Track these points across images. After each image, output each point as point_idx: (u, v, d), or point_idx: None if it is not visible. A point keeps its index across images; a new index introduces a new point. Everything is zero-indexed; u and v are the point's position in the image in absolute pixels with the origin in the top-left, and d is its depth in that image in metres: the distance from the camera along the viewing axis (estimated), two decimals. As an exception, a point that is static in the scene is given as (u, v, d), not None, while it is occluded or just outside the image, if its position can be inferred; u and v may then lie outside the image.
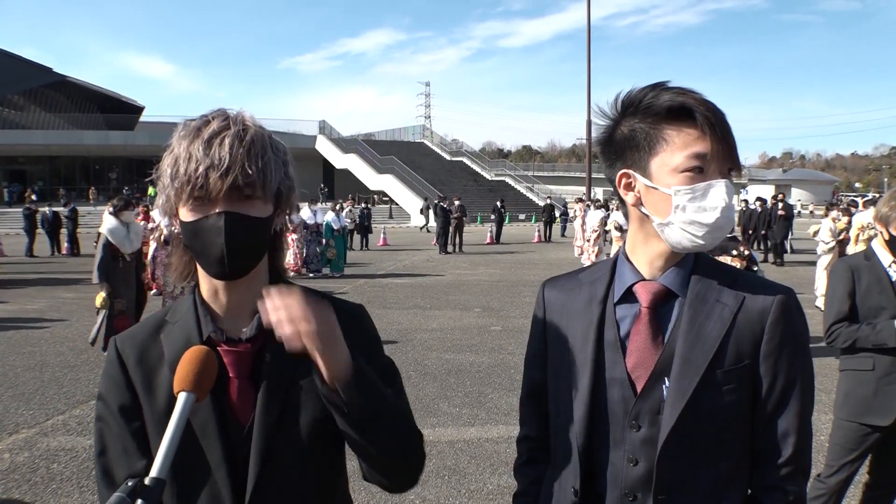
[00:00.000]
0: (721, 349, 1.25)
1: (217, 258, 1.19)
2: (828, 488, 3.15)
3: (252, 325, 1.27)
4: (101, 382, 1.33)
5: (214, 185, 1.17)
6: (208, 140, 1.18)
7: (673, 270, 1.32)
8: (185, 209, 1.21)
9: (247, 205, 1.20)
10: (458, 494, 4.31)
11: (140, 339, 1.32)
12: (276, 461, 1.25)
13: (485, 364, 7.53)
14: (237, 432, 1.25)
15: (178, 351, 1.24)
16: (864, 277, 3.06)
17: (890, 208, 3.03)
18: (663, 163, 1.26)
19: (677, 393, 1.24)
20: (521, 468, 1.56)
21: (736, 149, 1.25)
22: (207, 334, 1.27)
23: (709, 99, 1.25)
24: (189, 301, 1.32)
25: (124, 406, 1.28)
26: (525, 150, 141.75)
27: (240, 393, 1.27)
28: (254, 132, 1.22)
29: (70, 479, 4.51)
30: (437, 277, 15.47)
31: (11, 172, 49.72)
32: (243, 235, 1.20)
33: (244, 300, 1.28)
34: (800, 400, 1.27)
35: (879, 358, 2.99)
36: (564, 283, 1.49)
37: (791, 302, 1.29)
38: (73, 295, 12.74)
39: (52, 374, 7.08)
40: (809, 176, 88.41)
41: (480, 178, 50.18)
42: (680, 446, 1.24)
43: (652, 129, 1.27)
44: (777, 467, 1.28)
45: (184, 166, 1.17)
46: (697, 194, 1.23)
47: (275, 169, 1.23)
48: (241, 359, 1.27)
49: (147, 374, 1.29)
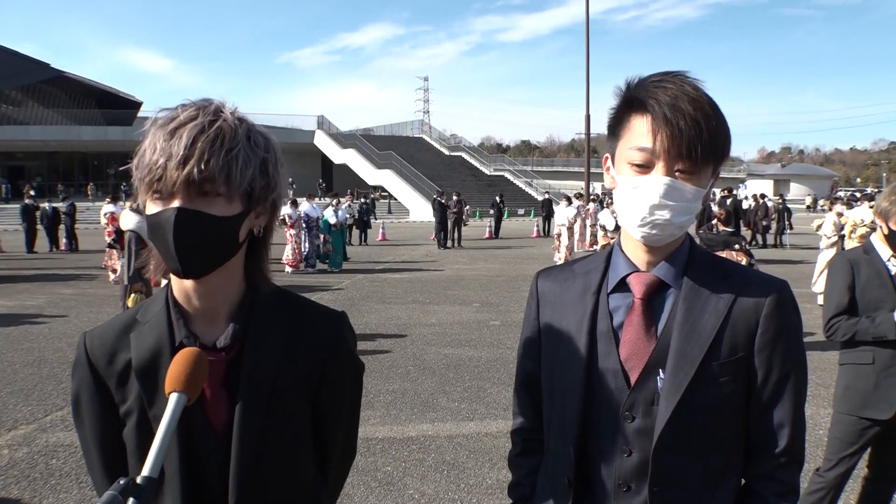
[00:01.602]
0: (716, 342, 1.25)
1: (170, 255, 1.13)
2: (827, 482, 3.15)
3: (228, 334, 1.23)
4: (73, 383, 1.29)
5: (170, 178, 1.10)
6: (172, 130, 1.11)
7: (667, 262, 1.31)
8: (149, 202, 1.15)
9: (206, 201, 1.12)
10: (457, 489, 4.31)
11: (109, 338, 1.27)
12: (260, 469, 1.23)
13: (484, 359, 7.53)
14: (207, 442, 1.22)
15: (146, 353, 1.22)
16: (864, 271, 3.05)
17: (890, 203, 3.02)
18: (620, 152, 1.28)
19: (672, 385, 1.24)
20: (516, 459, 1.57)
21: (693, 151, 1.18)
22: (180, 339, 1.22)
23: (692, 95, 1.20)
24: (161, 301, 1.27)
25: (98, 405, 1.25)
26: (524, 145, 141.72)
27: (212, 400, 1.23)
28: (223, 123, 1.14)
29: (69, 474, 4.50)
30: (436, 272, 15.46)
31: (10, 168, 49.64)
32: (196, 234, 1.12)
33: (216, 303, 1.24)
34: (794, 391, 1.28)
35: (879, 351, 2.99)
36: (558, 273, 1.49)
37: (786, 295, 1.30)
38: (71, 291, 12.74)
39: (50, 370, 7.07)
40: (808, 171, 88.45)
41: (479, 172, 50.18)
42: (675, 438, 1.24)
43: (623, 116, 1.28)
44: (771, 458, 1.29)
45: (148, 157, 1.12)
46: (629, 189, 1.24)
47: (243, 164, 1.14)
48: (214, 367, 1.21)
49: (118, 375, 1.24)
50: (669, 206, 1.21)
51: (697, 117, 1.18)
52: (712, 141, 1.20)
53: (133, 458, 1.24)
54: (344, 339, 1.37)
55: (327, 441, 1.37)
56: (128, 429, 1.24)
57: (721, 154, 1.24)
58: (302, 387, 1.29)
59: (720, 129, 1.21)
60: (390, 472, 4.49)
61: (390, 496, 4.17)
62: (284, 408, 1.25)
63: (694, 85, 1.23)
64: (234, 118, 1.17)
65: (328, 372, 1.32)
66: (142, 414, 1.22)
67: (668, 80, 1.24)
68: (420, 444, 5.04)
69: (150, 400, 1.21)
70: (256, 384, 1.23)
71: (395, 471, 4.54)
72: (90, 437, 1.28)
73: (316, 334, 1.32)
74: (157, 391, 1.21)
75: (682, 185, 1.21)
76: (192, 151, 1.10)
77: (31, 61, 51.55)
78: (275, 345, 1.26)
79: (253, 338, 1.25)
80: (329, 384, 1.33)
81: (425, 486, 4.34)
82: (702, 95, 1.22)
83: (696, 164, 1.20)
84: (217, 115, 1.15)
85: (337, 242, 16.16)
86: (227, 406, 1.23)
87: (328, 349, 1.33)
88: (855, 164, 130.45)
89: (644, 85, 1.25)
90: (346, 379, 1.37)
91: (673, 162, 1.20)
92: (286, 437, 1.27)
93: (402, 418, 5.60)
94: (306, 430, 1.32)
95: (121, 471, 1.25)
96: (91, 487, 4.26)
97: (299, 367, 1.28)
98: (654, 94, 1.21)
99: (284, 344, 1.28)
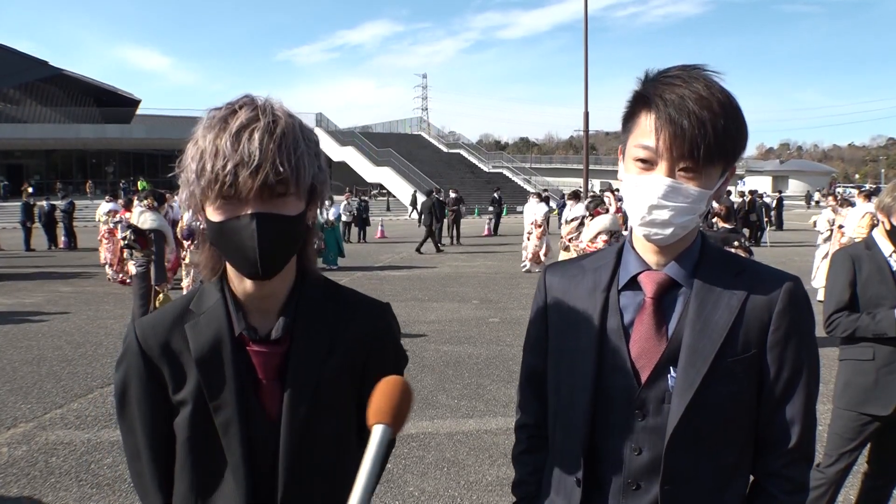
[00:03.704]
0: (729, 338, 1.24)
1: (250, 261, 1.14)
2: (826, 478, 3.15)
3: (279, 326, 1.24)
4: (119, 373, 1.28)
5: (244, 184, 1.08)
6: (236, 133, 1.09)
7: (678, 261, 1.29)
8: (213, 208, 1.14)
9: (279, 203, 1.13)
10: (456, 486, 4.31)
11: (163, 327, 1.26)
12: (307, 461, 1.24)
13: (483, 356, 7.53)
14: (262, 433, 1.23)
15: (206, 344, 1.23)
16: (865, 267, 3.05)
17: (892, 198, 3.02)
18: (628, 147, 1.27)
19: (685, 383, 1.23)
20: (520, 457, 1.55)
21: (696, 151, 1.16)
22: (239, 331, 1.23)
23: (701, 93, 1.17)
24: (216, 292, 1.27)
25: (149, 393, 1.25)
26: (522, 142, 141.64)
27: (268, 393, 1.24)
28: (284, 123, 1.13)
29: (68, 472, 4.49)
30: (434, 269, 15.45)
31: (8, 167, 49.56)
32: (276, 237, 1.13)
33: (273, 296, 1.26)
34: (805, 389, 1.27)
35: (879, 348, 2.99)
36: (567, 268, 1.47)
37: (798, 291, 1.28)
38: (70, 289, 12.72)
39: (49, 368, 7.06)
40: (807, 167, 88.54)
41: (478, 170, 50.13)
42: (687, 436, 1.23)
43: (633, 110, 1.26)
44: (781, 455, 1.28)
45: (210, 163, 1.09)
46: (632, 187, 1.24)
47: (308, 163, 1.15)
48: (270, 359, 1.24)
49: (173, 366, 1.24)
50: (669, 207, 1.20)
51: (703, 116, 1.16)
52: (718, 141, 1.17)
53: (183, 448, 1.25)
54: (389, 329, 1.38)
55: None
56: (180, 418, 1.24)
57: (731, 154, 1.21)
58: (348, 377, 1.30)
59: (729, 129, 1.18)
60: (390, 470, 4.48)
61: (390, 493, 4.18)
62: (331, 398, 1.26)
63: (707, 82, 1.19)
64: (287, 115, 1.16)
65: (373, 362, 1.33)
66: (201, 404, 1.22)
67: (680, 76, 1.21)
68: (420, 441, 5.04)
69: (212, 391, 1.22)
70: (304, 375, 1.24)
71: (396, 468, 4.54)
72: (139, 426, 1.27)
73: (362, 325, 1.34)
74: (218, 382, 1.22)
75: (684, 186, 1.19)
76: (266, 156, 1.09)
77: (30, 59, 51.43)
78: (322, 336, 1.28)
79: (301, 330, 1.26)
80: (374, 375, 1.33)
81: (425, 484, 4.34)
82: (713, 93, 1.18)
83: (699, 164, 1.18)
84: (275, 114, 1.14)
85: (329, 240, 16.13)
86: (280, 398, 1.24)
87: (374, 339, 1.34)
88: (853, 160, 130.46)
89: (655, 81, 1.24)
90: (389, 369, 1.37)
91: (675, 162, 1.19)
92: (333, 427, 1.28)
93: (402, 415, 5.58)
94: (352, 421, 1.32)
95: (169, 461, 1.27)
96: (90, 485, 4.26)
97: (345, 358, 1.29)
98: (661, 92, 1.20)
99: (331, 335, 1.29)
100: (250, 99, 1.16)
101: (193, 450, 1.24)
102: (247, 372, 1.23)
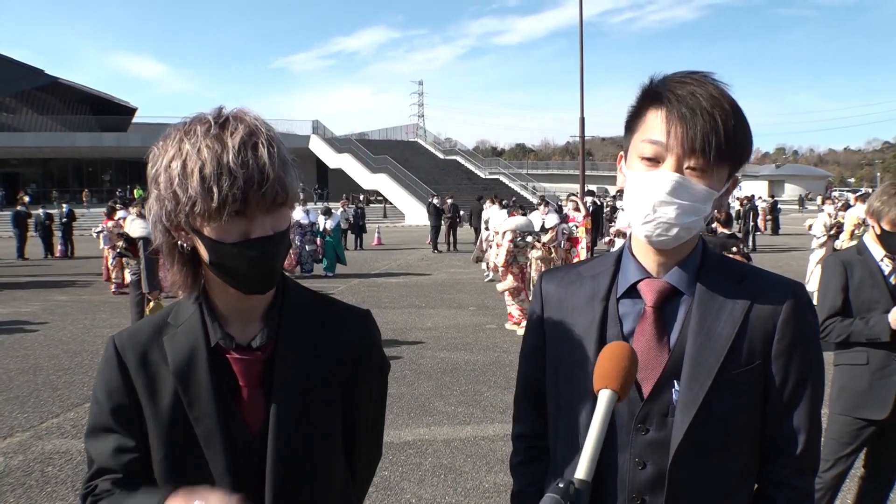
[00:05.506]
0: (732, 350, 1.21)
1: (256, 280, 1.15)
2: (823, 483, 3.16)
3: (262, 334, 1.24)
4: (98, 384, 1.27)
5: (253, 202, 1.08)
6: (239, 150, 1.07)
7: (679, 267, 1.27)
8: (212, 227, 1.10)
9: (277, 216, 1.14)
10: (454, 493, 4.30)
11: (141, 340, 1.26)
12: (295, 468, 1.23)
13: (480, 362, 7.53)
14: (246, 441, 1.22)
15: (182, 355, 1.22)
16: (857, 272, 3.06)
17: (882, 203, 3.03)
18: (633, 146, 1.24)
19: (689, 397, 1.20)
20: (519, 467, 1.51)
21: (707, 147, 1.14)
22: (216, 341, 1.22)
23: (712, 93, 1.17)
24: (192, 304, 1.26)
25: (123, 408, 1.23)
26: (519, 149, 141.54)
27: (249, 401, 1.23)
28: (272, 135, 1.12)
29: (65, 482, 4.48)
30: (431, 276, 15.46)
31: (4, 175, 49.44)
32: (275, 255, 1.16)
33: (254, 305, 1.25)
34: (811, 397, 1.25)
35: (873, 352, 3.00)
36: (564, 275, 1.43)
37: (802, 298, 1.26)
38: (66, 297, 12.69)
39: (45, 378, 7.04)
40: (802, 171, 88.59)
41: (474, 176, 50.14)
42: (692, 450, 1.20)
43: (640, 110, 1.24)
44: (787, 464, 1.26)
45: (216, 183, 1.06)
46: (635, 183, 1.21)
47: (294, 173, 1.16)
48: (251, 367, 1.23)
49: (149, 378, 1.23)
50: (676, 205, 1.16)
51: (715, 114, 1.15)
52: (729, 140, 1.15)
53: (162, 466, 1.22)
54: (372, 337, 1.39)
55: (355, 440, 1.38)
56: (158, 434, 1.22)
57: (739, 157, 1.20)
58: (333, 385, 1.30)
59: (739, 131, 1.17)
60: (387, 477, 4.48)
61: (388, 500, 4.17)
62: (317, 407, 1.26)
63: (717, 85, 1.19)
64: (267, 125, 1.15)
65: (357, 370, 1.33)
66: (179, 416, 1.21)
67: (691, 76, 1.21)
68: (417, 448, 5.03)
69: (190, 402, 1.20)
70: (290, 383, 1.23)
71: (392, 475, 4.53)
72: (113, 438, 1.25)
73: (346, 333, 1.34)
74: (195, 392, 1.20)
75: (692, 183, 1.16)
76: (272, 171, 1.09)
77: (25, 67, 51.34)
78: (307, 344, 1.28)
79: (285, 337, 1.26)
80: (357, 382, 1.34)
81: (423, 491, 4.33)
82: (723, 95, 1.18)
83: (710, 161, 1.15)
84: (257, 127, 1.12)
85: (328, 247, 16.13)
86: (263, 406, 1.23)
87: (358, 347, 1.34)
88: (849, 164, 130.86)
89: (665, 81, 1.22)
90: (373, 377, 1.38)
91: (684, 158, 1.16)
92: (319, 437, 1.27)
93: (399, 423, 5.59)
94: (338, 430, 1.32)
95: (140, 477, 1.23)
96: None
97: (330, 366, 1.29)
98: (672, 89, 1.18)
99: (316, 343, 1.29)
100: (230, 112, 1.14)
101: (174, 465, 1.21)
102: (227, 381, 1.22)
